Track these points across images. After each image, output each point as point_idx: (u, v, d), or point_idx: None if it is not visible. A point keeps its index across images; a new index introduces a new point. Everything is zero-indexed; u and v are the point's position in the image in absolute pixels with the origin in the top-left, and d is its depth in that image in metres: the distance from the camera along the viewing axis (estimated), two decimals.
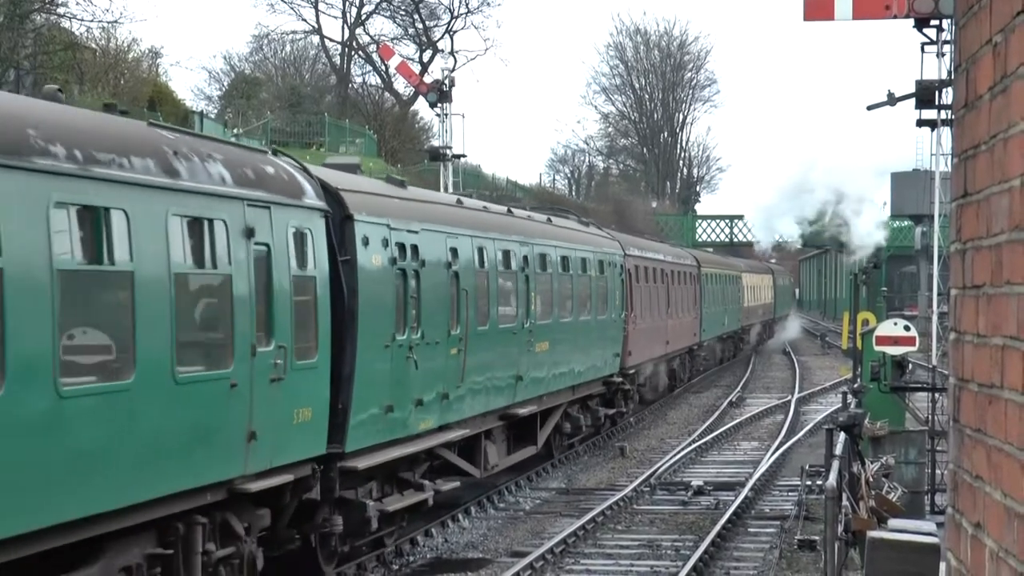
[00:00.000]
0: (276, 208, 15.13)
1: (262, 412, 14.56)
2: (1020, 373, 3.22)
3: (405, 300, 18.94)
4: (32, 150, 10.93)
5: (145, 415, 12.39)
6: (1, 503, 10.49)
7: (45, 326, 10.82)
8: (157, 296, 12.57)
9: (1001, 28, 3.42)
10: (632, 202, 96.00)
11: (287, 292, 15.32)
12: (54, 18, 53.44)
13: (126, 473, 12.14)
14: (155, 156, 12.94)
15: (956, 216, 4.00)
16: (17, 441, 10.66)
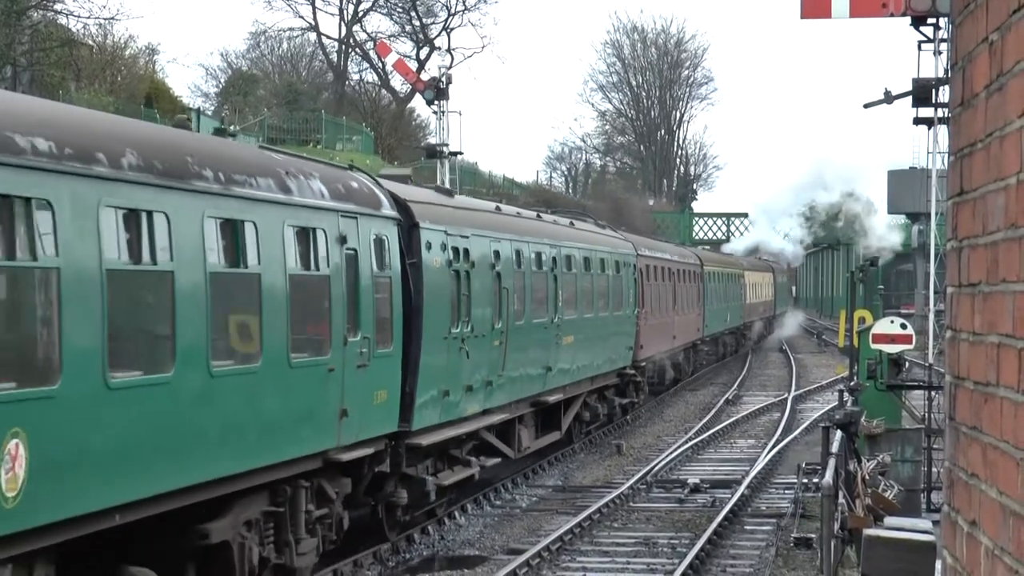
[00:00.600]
0: (362, 218, 17.73)
1: (351, 393, 17.07)
2: (1015, 371, 3.22)
3: (458, 297, 21.41)
4: (191, 174, 13.43)
5: (268, 393, 14.92)
6: (172, 462, 12.90)
7: (201, 320, 13.35)
8: (278, 294, 15.13)
9: (997, 26, 3.42)
10: (629, 200, 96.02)
11: (370, 290, 17.88)
12: (51, 15, 53.39)
13: (252, 441, 14.59)
14: (274, 176, 15.51)
15: (952, 214, 4.00)
16: (184, 411, 13.13)
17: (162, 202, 12.85)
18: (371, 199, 18.38)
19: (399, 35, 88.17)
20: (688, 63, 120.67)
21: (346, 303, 17.01)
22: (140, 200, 12.52)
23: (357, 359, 17.27)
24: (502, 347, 23.63)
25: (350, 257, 17.27)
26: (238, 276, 14.49)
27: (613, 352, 33.24)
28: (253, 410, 14.61)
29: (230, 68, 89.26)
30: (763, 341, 77.52)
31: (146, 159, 12.72)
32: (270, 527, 15.73)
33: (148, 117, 54.46)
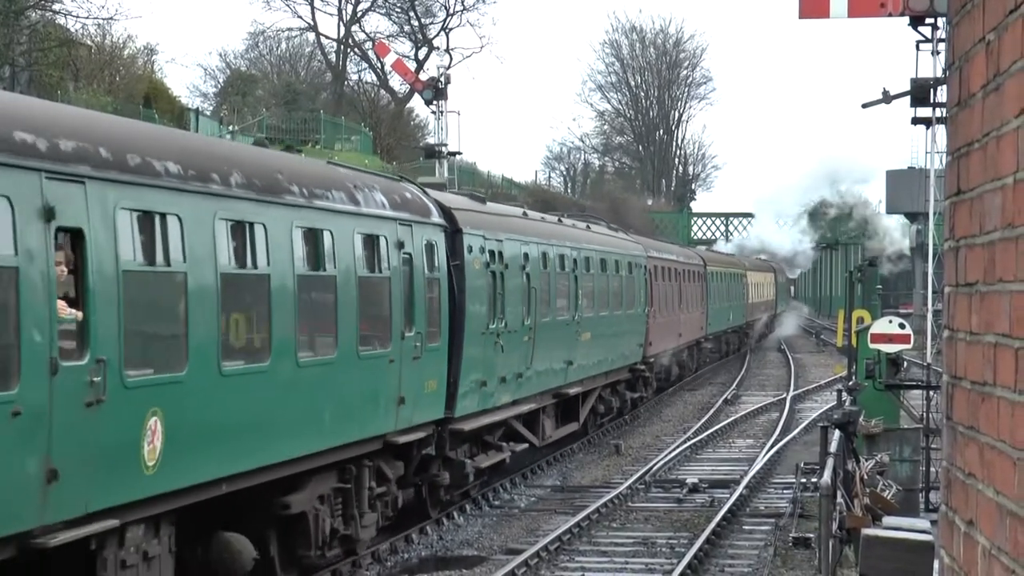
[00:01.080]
0: (415, 225, 19.79)
1: (407, 382, 19.18)
2: (1012, 371, 3.22)
3: (494, 296, 23.37)
4: (282, 189, 15.57)
5: (341, 381, 16.90)
6: (267, 440, 14.90)
7: (291, 317, 15.40)
8: (350, 294, 17.18)
9: (994, 26, 3.42)
10: (627, 200, 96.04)
11: (423, 290, 19.95)
12: (49, 15, 53.36)
13: (328, 424, 16.56)
14: (345, 190, 17.61)
15: (949, 214, 4.00)
16: (277, 396, 15.18)
17: (261, 214, 14.94)
18: (422, 208, 20.55)
19: (398, 35, 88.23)
20: (687, 63, 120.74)
21: (403, 302, 19.21)
22: (245, 213, 14.58)
23: (412, 352, 19.43)
24: (531, 342, 25.57)
25: (406, 261, 19.36)
26: (319, 279, 16.55)
27: (625, 348, 35.19)
28: (329, 396, 16.67)
29: (229, 68, 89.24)
30: (764, 340, 78.54)
31: (248, 178, 14.81)
32: (339, 501, 17.72)
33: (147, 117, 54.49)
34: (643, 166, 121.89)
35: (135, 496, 12.52)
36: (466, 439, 22.48)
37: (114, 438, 12.13)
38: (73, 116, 13.23)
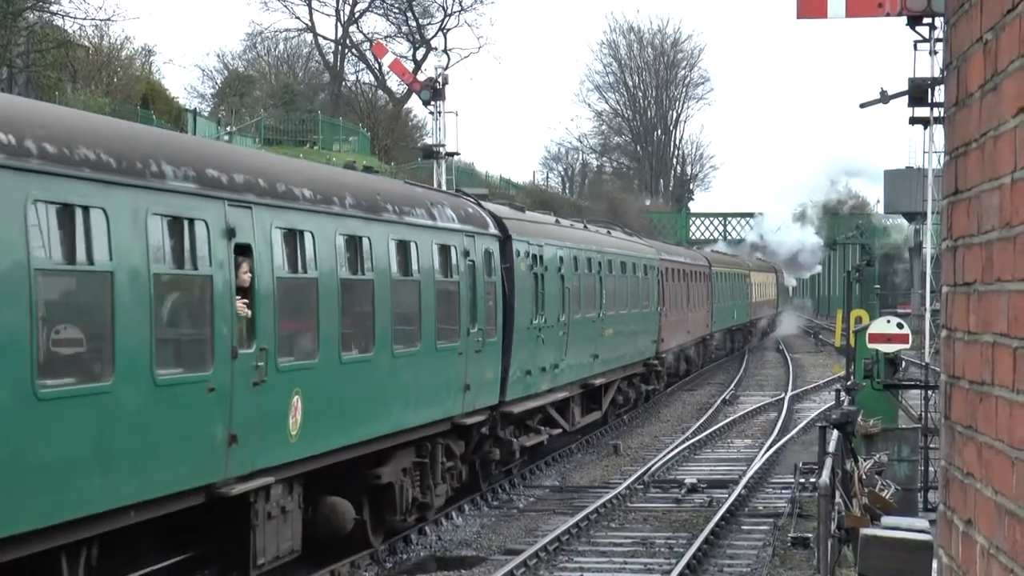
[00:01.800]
0: (477, 236, 22.76)
1: (472, 372, 22.13)
2: (1010, 370, 3.23)
3: (536, 295, 26.20)
4: (381, 208, 18.59)
5: (423, 370, 19.88)
6: (372, 418, 18.01)
7: (388, 315, 18.54)
8: (429, 296, 20.13)
9: (991, 26, 3.43)
10: (625, 200, 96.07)
11: (483, 292, 22.84)
12: (47, 16, 53.33)
13: (412, 406, 19.46)
14: (424, 207, 20.61)
15: (947, 213, 4.01)
16: (379, 381, 18.17)
17: (367, 230, 17.86)
18: (481, 220, 23.44)
19: (395, 36, 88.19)
20: (684, 63, 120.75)
21: (469, 302, 22.08)
22: (356, 229, 17.52)
23: (475, 345, 22.38)
24: (565, 336, 28.46)
25: (470, 267, 22.20)
26: (408, 283, 19.46)
27: (641, 344, 37.91)
28: (414, 383, 19.51)
29: (226, 69, 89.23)
30: (767, 337, 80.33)
31: (357, 200, 17.85)
32: (417, 474, 20.52)
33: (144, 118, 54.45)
34: (641, 166, 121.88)
35: (283, 460, 15.51)
36: (512, 421, 25.33)
37: (271, 411, 15.10)
38: (243, 155, 17.26)
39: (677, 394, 46.93)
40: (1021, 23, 3.15)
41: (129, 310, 12.33)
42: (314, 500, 17.35)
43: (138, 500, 12.65)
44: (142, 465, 12.66)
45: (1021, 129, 3.16)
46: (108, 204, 12.05)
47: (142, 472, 12.67)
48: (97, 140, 12.19)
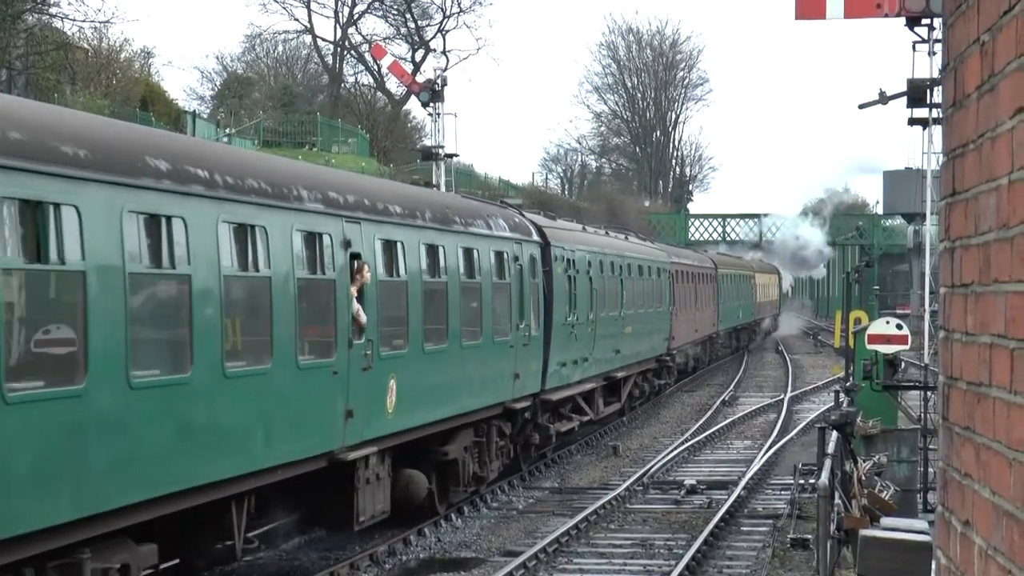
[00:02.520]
0: (524, 243, 25.92)
1: (520, 363, 25.21)
2: (1008, 371, 3.23)
3: (569, 295, 29.10)
4: (451, 220, 21.78)
5: (483, 361, 22.96)
6: (444, 400, 21.08)
7: (457, 312, 21.66)
8: (488, 295, 23.26)
9: (988, 27, 3.43)
10: (625, 201, 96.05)
11: (529, 292, 25.86)
12: (46, 18, 53.31)
13: (474, 391, 22.68)
14: (483, 218, 23.77)
15: (945, 214, 4.01)
16: (452, 368, 21.43)
17: (441, 240, 21.03)
18: (526, 229, 26.62)
19: (394, 37, 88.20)
20: (683, 64, 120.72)
21: (518, 301, 25.11)
22: (434, 239, 20.75)
23: (523, 340, 25.41)
24: (593, 332, 31.41)
25: (519, 270, 25.25)
26: (471, 284, 22.50)
27: (655, 341, 40.90)
28: (477, 371, 22.58)
29: (225, 71, 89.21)
30: (769, 336, 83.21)
31: (433, 213, 21.01)
32: (476, 451, 23.56)
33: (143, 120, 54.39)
34: (640, 167, 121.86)
35: (382, 432, 18.61)
36: (549, 409, 28.05)
37: (375, 392, 18.29)
38: (354, 179, 21.02)
39: (676, 395, 46.94)
40: (1018, 24, 3.16)
41: (281, 308, 15.53)
42: (396, 471, 19.99)
43: (285, 461, 15.74)
44: (289, 432, 15.81)
45: (1018, 130, 3.16)
46: (268, 224, 15.27)
47: (289, 438, 15.83)
48: (258, 173, 15.54)
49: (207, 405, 13.86)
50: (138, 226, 12.63)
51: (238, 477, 14.56)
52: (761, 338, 78.99)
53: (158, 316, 13.57)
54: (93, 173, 11.91)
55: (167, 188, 13.12)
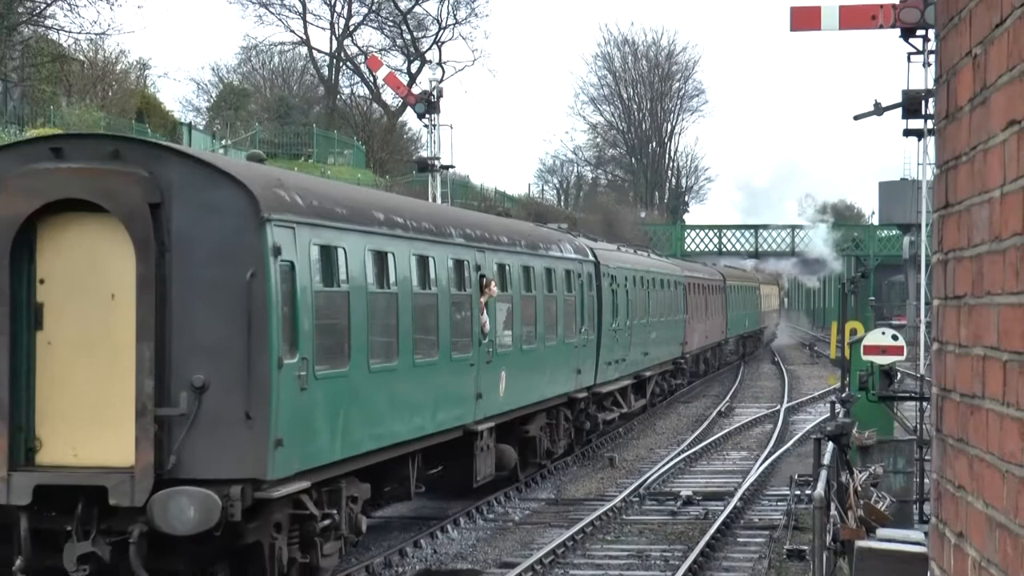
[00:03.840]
0: (583, 263, 31.38)
1: (581, 360, 30.46)
2: (1001, 383, 3.23)
3: (613, 305, 34.48)
4: (538, 246, 27.48)
5: (556, 358, 28.41)
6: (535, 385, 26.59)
7: (543, 318, 27.09)
8: (561, 305, 28.77)
9: (980, 40, 3.44)
10: (620, 212, 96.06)
11: (587, 303, 31.20)
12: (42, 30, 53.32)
13: (554, 382, 28.34)
14: (557, 243, 29.76)
15: (938, 227, 4.01)
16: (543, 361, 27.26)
17: (532, 262, 26.80)
18: (584, 251, 32.07)
19: (390, 49, 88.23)
20: (679, 75, 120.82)
21: (580, 310, 30.38)
22: (527, 261, 26.45)
23: (583, 342, 30.64)
24: (629, 337, 36.71)
25: (580, 284, 30.62)
26: (552, 296, 28.11)
27: (672, 346, 45.96)
28: (552, 366, 28.12)
29: (221, 82, 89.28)
30: (772, 342, 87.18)
31: (527, 241, 26.98)
32: (548, 431, 28.61)
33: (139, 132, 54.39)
34: (636, 178, 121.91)
35: (495, 411, 23.70)
36: (597, 400, 33.12)
37: (493, 380, 23.52)
38: (481, 217, 27.45)
39: (673, 406, 46.94)
40: (1010, 37, 3.17)
41: (443, 316, 20.97)
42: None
43: (439, 429, 20.92)
44: (444, 407, 21.09)
45: (1011, 143, 3.17)
46: (434, 254, 20.72)
47: (444, 412, 21.08)
48: (428, 218, 21.24)
49: (404, 386, 19.23)
50: (371, 259, 18.10)
51: (415, 439, 19.88)
52: (765, 345, 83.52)
53: (381, 323, 18.50)
54: (350, 224, 17.40)
55: (384, 232, 18.65)
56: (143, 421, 14.38)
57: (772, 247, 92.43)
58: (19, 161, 14.91)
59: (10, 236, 14.59)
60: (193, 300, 14.75)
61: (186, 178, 14.95)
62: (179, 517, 14.15)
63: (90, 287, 14.89)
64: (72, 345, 14.86)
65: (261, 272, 14.73)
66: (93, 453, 14.77)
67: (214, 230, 14.82)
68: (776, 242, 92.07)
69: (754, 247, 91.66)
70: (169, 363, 14.63)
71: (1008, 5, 3.18)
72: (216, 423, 14.61)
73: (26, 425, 14.82)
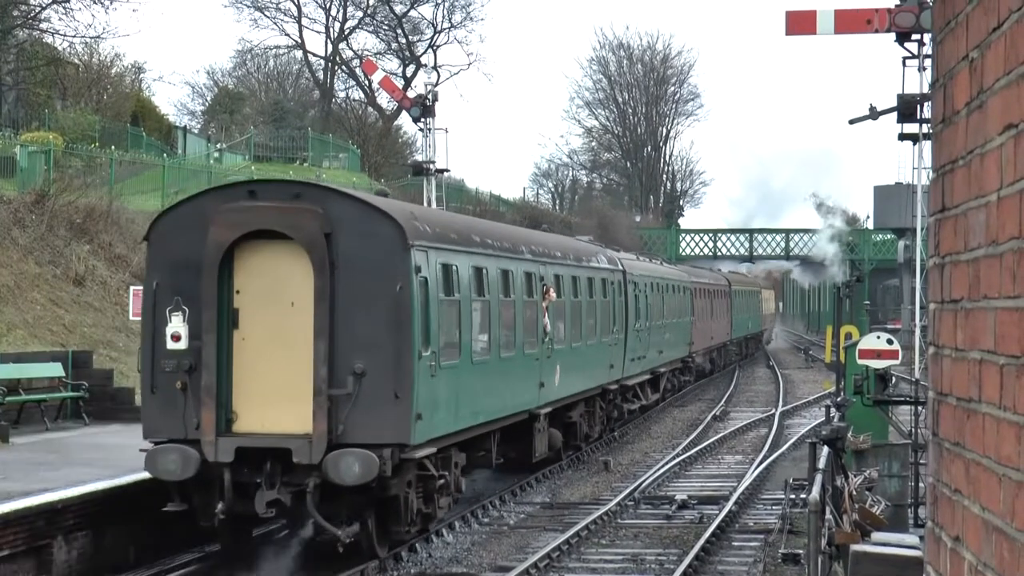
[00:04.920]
0: (614, 271, 35.79)
1: (613, 356, 34.97)
2: (997, 387, 3.23)
3: (636, 309, 38.63)
4: (583, 259, 32.30)
5: (596, 354, 32.71)
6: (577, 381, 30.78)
7: (586, 320, 31.56)
8: (599, 309, 33.22)
9: (977, 44, 3.44)
10: (615, 216, 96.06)
11: (618, 306, 35.82)
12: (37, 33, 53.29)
13: (590, 375, 32.35)
14: (594, 256, 34.12)
15: (934, 231, 4.01)
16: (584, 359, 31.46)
17: (580, 272, 31.12)
18: (614, 261, 36.75)
19: (385, 53, 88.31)
20: (674, 79, 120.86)
21: (612, 313, 34.87)
22: (575, 272, 30.75)
23: (615, 341, 35.16)
24: (648, 337, 40.98)
25: (612, 291, 35.21)
26: (591, 302, 32.36)
27: (680, 345, 49.78)
28: (592, 362, 32.57)
29: (216, 86, 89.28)
30: (769, 343, 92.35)
31: (574, 255, 31.36)
32: (586, 417, 33.31)
33: (134, 135, 54.31)
34: (631, 183, 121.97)
35: (551, 399, 28.10)
36: (622, 392, 37.60)
37: (550, 372, 27.79)
38: (541, 236, 31.17)
39: (668, 410, 46.96)
40: (1007, 41, 3.17)
41: (519, 319, 25.66)
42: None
43: (514, 411, 25.50)
44: (518, 393, 25.71)
45: (1007, 146, 3.17)
46: (512, 268, 25.46)
47: (518, 397, 25.75)
48: (507, 239, 26.07)
49: (493, 375, 24.02)
50: (472, 274, 22.72)
51: (497, 419, 24.31)
52: (764, 345, 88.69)
53: (479, 324, 23.24)
54: (459, 246, 22.09)
55: (480, 252, 23.37)
56: (319, 399, 18.68)
57: (767, 251, 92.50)
58: (221, 200, 19.40)
59: (218, 258, 18.94)
60: (355, 307, 18.95)
61: (350, 213, 19.30)
62: (347, 472, 18.35)
63: (275, 297, 19.19)
64: (261, 341, 19.18)
65: (407, 285, 19.22)
66: (278, 423, 19.07)
67: (371, 253, 19.15)
68: (771, 246, 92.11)
69: (748, 251, 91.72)
70: (337, 355, 18.82)
71: (1005, 9, 3.18)
72: (372, 400, 18.87)
73: (226, 402, 19.16)
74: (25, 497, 18.50)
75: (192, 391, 19.09)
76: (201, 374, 19.01)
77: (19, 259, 32.73)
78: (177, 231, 19.54)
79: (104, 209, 37.63)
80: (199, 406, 18.98)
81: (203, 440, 18.86)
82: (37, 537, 18.44)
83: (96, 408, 28.24)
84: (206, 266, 18.99)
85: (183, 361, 19.14)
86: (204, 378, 18.97)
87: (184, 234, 19.35)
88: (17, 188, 38.39)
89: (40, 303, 31.87)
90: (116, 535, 20.14)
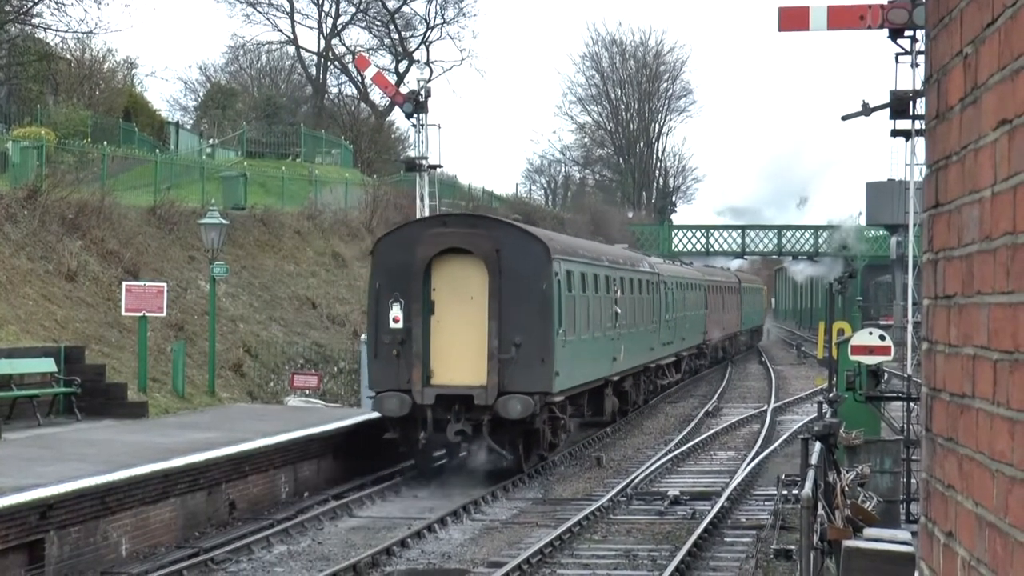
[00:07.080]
0: (651, 273, 44.04)
1: (652, 341, 44.05)
2: (991, 383, 3.23)
3: (665, 303, 46.40)
4: (634, 265, 42.86)
5: (641, 338, 41.71)
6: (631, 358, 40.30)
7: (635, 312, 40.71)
8: (644, 302, 42.61)
9: (971, 39, 3.44)
10: (608, 212, 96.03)
11: (655, 300, 44.30)
12: (28, 29, 53.20)
13: (639, 354, 41.70)
14: (639, 262, 44.28)
15: (928, 226, 4.01)
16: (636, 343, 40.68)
17: (631, 274, 40.17)
18: (651, 265, 44.93)
19: (378, 48, 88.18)
20: (667, 75, 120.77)
21: (652, 305, 43.25)
22: (631, 275, 40.24)
23: (654, 328, 43.76)
24: (674, 326, 49.15)
25: (651, 288, 43.32)
26: (640, 298, 40.99)
27: (696, 334, 57.24)
28: (640, 343, 41.00)
29: (209, 81, 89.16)
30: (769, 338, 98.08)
31: (629, 263, 41.34)
32: (635, 388, 41.50)
33: (126, 131, 54.24)
34: (624, 179, 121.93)
35: (618, 370, 37.22)
36: (657, 369, 46.21)
37: (619, 349, 36.74)
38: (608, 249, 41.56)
39: (660, 406, 46.99)
40: (1001, 37, 3.17)
41: (605, 308, 34.79)
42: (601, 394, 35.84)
43: (596, 377, 33.83)
44: (601, 363, 34.36)
45: (1001, 142, 3.17)
46: (596, 272, 34.08)
47: (599, 367, 34.09)
48: (594, 251, 36.16)
49: (591, 348, 33.03)
50: (580, 277, 31.72)
51: (587, 382, 32.71)
52: (765, 337, 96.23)
53: (585, 311, 32.22)
54: (575, 258, 31.79)
55: (583, 262, 32.63)
56: (492, 361, 27.79)
57: (759, 247, 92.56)
58: (424, 228, 29.41)
59: (423, 267, 28.01)
60: (515, 299, 28.03)
61: (512, 236, 29.19)
62: (512, 410, 27.44)
63: (459, 293, 28.24)
64: (450, 322, 28.18)
65: (550, 285, 28.53)
66: (462, 378, 28.04)
67: (526, 263, 28.34)
68: (763, 243, 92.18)
69: (740, 247, 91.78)
70: (503, 332, 27.86)
71: (999, 5, 3.18)
72: (526, 363, 28.00)
73: (427, 363, 28.11)
74: (17, 492, 18.51)
75: (404, 356, 27.88)
76: (411, 345, 27.92)
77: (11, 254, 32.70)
78: (392, 248, 28.60)
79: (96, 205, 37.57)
80: (410, 367, 27.90)
81: (412, 390, 27.72)
82: (29, 532, 18.46)
83: (88, 403, 28.19)
84: (415, 272, 27.97)
85: (397, 336, 27.90)
86: (413, 347, 27.92)
87: (397, 250, 28.36)
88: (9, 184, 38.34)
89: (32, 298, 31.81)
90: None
